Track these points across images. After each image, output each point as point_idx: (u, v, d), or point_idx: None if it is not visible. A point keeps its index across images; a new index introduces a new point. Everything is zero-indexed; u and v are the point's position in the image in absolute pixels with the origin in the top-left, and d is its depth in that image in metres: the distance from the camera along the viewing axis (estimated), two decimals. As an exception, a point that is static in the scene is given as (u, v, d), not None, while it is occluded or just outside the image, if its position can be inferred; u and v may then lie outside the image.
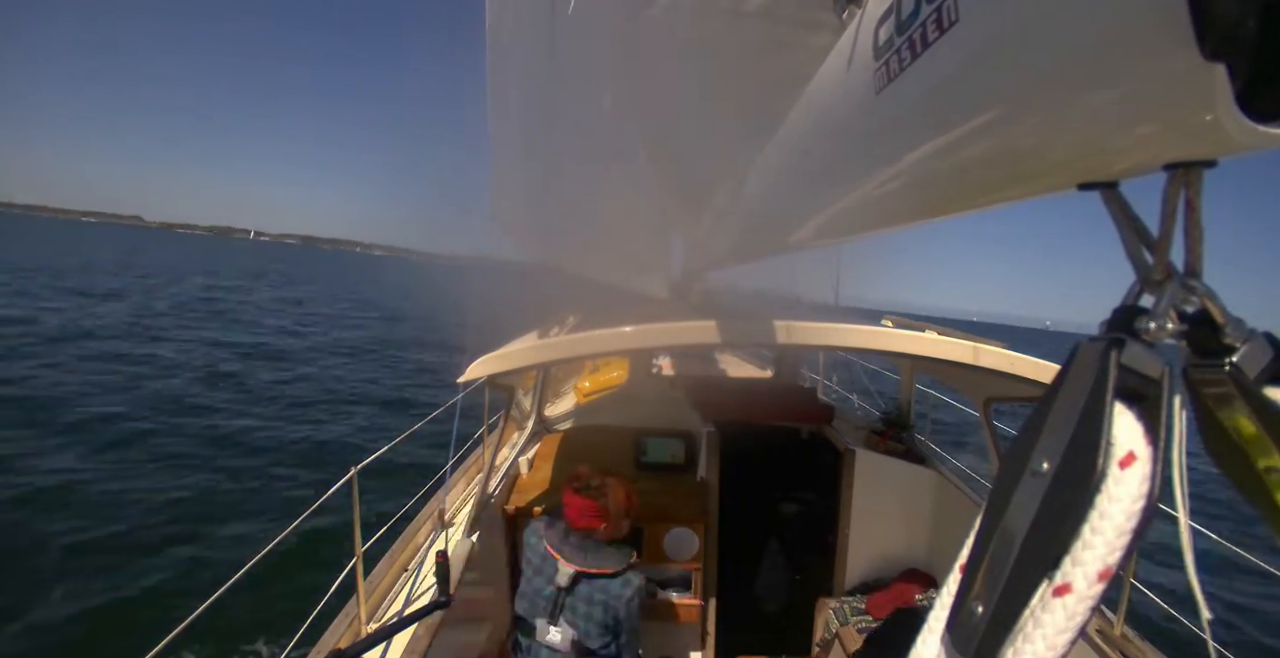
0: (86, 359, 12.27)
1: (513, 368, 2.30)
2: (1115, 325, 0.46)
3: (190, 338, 16.12)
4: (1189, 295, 0.44)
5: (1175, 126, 0.41)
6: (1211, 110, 0.35)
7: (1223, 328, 0.43)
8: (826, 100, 0.93)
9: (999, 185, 0.63)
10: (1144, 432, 0.41)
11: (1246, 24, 0.33)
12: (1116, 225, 0.50)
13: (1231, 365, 0.43)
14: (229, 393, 11.17)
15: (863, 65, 0.74)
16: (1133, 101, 0.41)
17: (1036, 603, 0.42)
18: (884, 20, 0.67)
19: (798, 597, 3.53)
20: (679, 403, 4.06)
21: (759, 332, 2.42)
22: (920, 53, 0.59)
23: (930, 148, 0.64)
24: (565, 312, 2.90)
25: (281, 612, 4.98)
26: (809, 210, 1.07)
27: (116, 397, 9.96)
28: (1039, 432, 0.46)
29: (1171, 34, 0.34)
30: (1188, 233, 0.44)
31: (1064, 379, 0.46)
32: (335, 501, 2.37)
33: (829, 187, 0.95)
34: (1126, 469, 0.40)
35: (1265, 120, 0.35)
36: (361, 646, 1.98)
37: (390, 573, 2.59)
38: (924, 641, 0.52)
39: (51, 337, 13.97)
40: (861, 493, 3.17)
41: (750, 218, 1.47)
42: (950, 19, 0.53)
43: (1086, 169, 0.51)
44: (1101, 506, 0.40)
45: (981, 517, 0.49)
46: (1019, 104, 0.51)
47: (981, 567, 0.46)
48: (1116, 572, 0.40)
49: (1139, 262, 0.47)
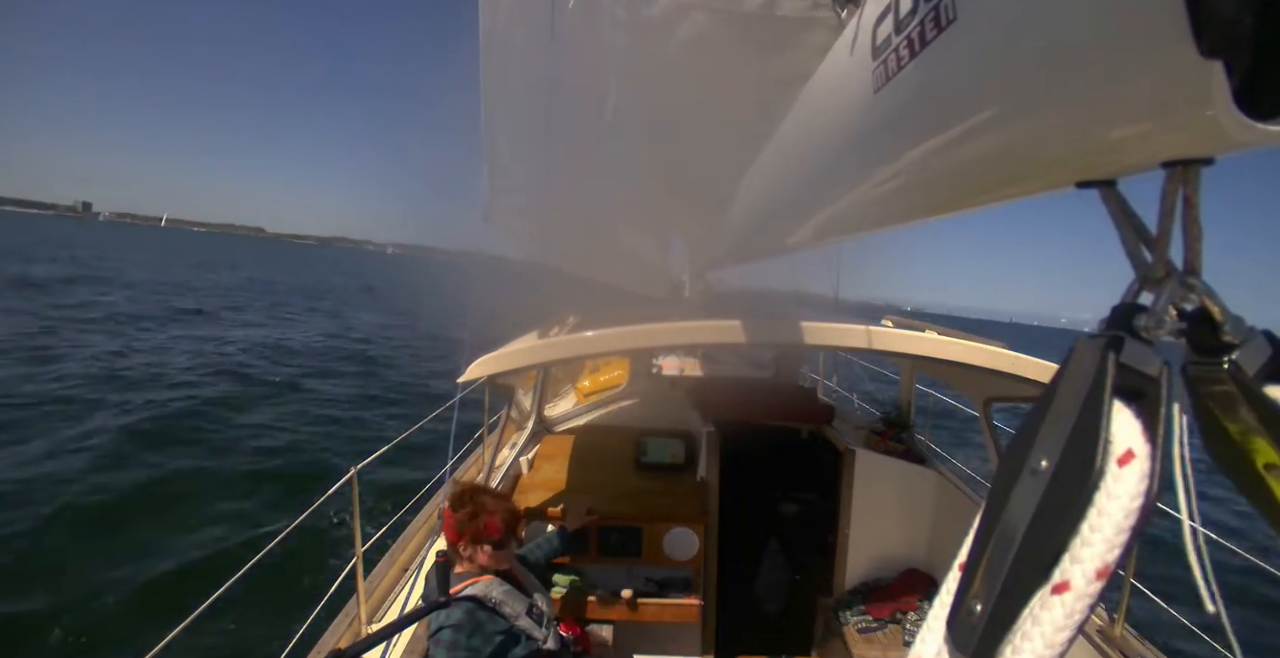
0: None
1: (513, 368, 2.30)
2: (1114, 323, 0.46)
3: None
4: (1188, 293, 0.44)
5: (1173, 124, 0.41)
6: (1209, 107, 0.35)
7: (1222, 326, 0.43)
8: (825, 99, 0.93)
9: (997, 184, 0.63)
10: (1143, 429, 0.41)
11: (1243, 21, 0.33)
12: (1115, 223, 0.50)
13: (1231, 363, 0.43)
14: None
15: (861, 64, 0.74)
16: (1130, 99, 0.41)
17: (1036, 601, 0.42)
18: (882, 19, 0.68)
19: (798, 597, 3.53)
20: (679, 403, 4.06)
21: (759, 332, 2.42)
22: (918, 51, 0.59)
23: (929, 146, 0.64)
24: (565, 312, 2.90)
25: (281, 612, 4.99)
26: (808, 209, 1.07)
27: (110, 392, 9.98)
28: (1038, 430, 0.46)
29: (1169, 32, 0.34)
30: (1186, 230, 0.44)
31: (1063, 377, 0.46)
32: (335, 501, 2.37)
33: (828, 185, 0.95)
34: (1125, 467, 0.40)
35: (1263, 117, 0.35)
36: (361, 646, 1.98)
37: (390, 573, 2.59)
38: (924, 639, 0.52)
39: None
40: (861, 493, 3.17)
41: (750, 216, 1.47)
42: (948, 18, 0.53)
43: (1085, 167, 0.51)
44: (1100, 503, 0.40)
45: (981, 515, 0.49)
46: (1017, 102, 0.51)
47: (981, 565, 0.46)
48: (1115, 570, 0.40)
49: (1138, 259, 0.47)
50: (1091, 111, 0.44)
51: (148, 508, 6.51)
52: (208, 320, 19.87)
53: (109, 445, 7.89)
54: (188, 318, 19.77)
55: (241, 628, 4.77)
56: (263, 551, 2.09)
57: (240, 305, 25.28)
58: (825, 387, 6.18)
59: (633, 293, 3.25)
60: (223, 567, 2.38)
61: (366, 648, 1.98)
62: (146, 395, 10.15)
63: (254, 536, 5.88)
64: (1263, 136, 0.35)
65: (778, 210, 1.26)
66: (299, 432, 9.46)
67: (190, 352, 14.08)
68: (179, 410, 9.62)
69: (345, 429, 9.88)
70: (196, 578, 5.27)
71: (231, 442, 8.65)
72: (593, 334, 2.26)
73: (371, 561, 2.51)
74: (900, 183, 0.75)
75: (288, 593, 5.15)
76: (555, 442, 3.88)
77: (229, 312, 22.75)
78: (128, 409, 9.32)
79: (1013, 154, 0.56)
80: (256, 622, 4.87)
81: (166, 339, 15.44)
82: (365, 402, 11.86)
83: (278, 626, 4.72)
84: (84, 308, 18.97)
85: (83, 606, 4.88)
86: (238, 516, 6.58)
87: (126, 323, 17.14)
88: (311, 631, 2.21)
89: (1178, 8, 0.33)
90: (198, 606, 1.82)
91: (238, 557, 2.13)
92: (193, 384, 11.27)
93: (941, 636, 0.49)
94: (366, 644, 1.99)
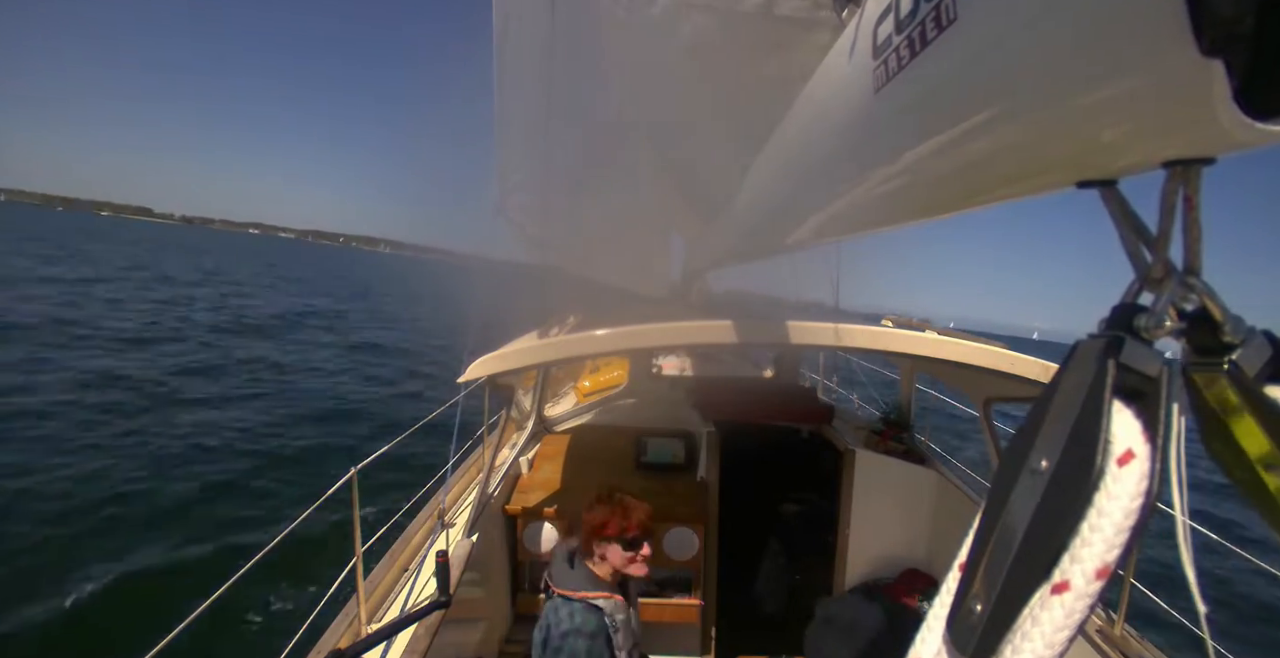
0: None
1: (513, 368, 2.30)
2: (1114, 323, 0.46)
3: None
4: (1188, 293, 0.44)
5: (1173, 123, 0.41)
6: (1209, 107, 0.35)
7: (1222, 326, 0.43)
8: (826, 99, 0.93)
9: (998, 183, 0.63)
10: (1142, 429, 0.41)
11: (1244, 20, 0.33)
12: (1115, 223, 0.50)
13: (1231, 364, 0.43)
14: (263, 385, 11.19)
15: (862, 64, 0.74)
16: (1131, 99, 0.41)
17: (1035, 601, 0.42)
18: (883, 19, 0.68)
19: (798, 597, 3.53)
20: (679, 403, 4.06)
21: (759, 332, 2.42)
22: (919, 51, 0.59)
23: (929, 146, 0.64)
24: (565, 312, 2.90)
25: (281, 612, 4.98)
26: (809, 208, 1.07)
27: (111, 393, 9.98)
28: (1038, 430, 0.46)
29: (1169, 31, 0.34)
30: (1187, 231, 0.44)
31: (1062, 377, 0.46)
32: (335, 501, 2.37)
33: (829, 184, 0.95)
34: (1125, 467, 0.40)
35: (1263, 117, 0.35)
36: (361, 646, 1.98)
37: (390, 573, 2.59)
38: (923, 639, 0.51)
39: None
40: (861, 493, 3.17)
41: (750, 215, 1.47)
42: (949, 17, 0.53)
43: (1085, 167, 0.51)
44: (1100, 503, 0.40)
45: (980, 515, 0.49)
46: (1017, 102, 0.51)
47: (980, 565, 0.46)
48: (1115, 570, 0.40)
49: (1138, 260, 0.47)
50: (1092, 111, 0.44)
51: (148, 508, 6.51)
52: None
53: (108, 445, 7.90)
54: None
55: (242, 628, 4.78)
56: (263, 551, 2.09)
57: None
58: (825, 387, 6.18)
59: (633, 293, 3.25)
60: (223, 567, 2.38)
61: (366, 648, 1.99)
62: (144, 396, 10.15)
63: (254, 536, 5.88)
64: (1263, 136, 0.35)
65: (778, 210, 1.26)
66: (298, 432, 9.47)
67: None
68: (178, 410, 9.63)
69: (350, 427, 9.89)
70: (196, 578, 5.28)
71: (232, 441, 8.66)
72: (593, 334, 2.26)
73: (371, 561, 2.50)
74: (901, 182, 0.75)
75: (288, 593, 5.16)
76: (555, 442, 3.88)
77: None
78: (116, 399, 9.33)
79: (1014, 154, 0.56)
80: (257, 622, 4.87)
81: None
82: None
83: (278, 626, 4.73)
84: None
85: (82, 606, 4.88)
86: (238, 516, 6.58)
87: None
88: (311, 631, 2.21)
89: (1178, 7, 0.33)
90: (198, 606, 1.82)
91: (238, 557, 2.13)
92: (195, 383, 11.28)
93: (941, 636, 0.49)
94: (366, 644, 1.99)
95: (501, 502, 3.04)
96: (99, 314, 17.52)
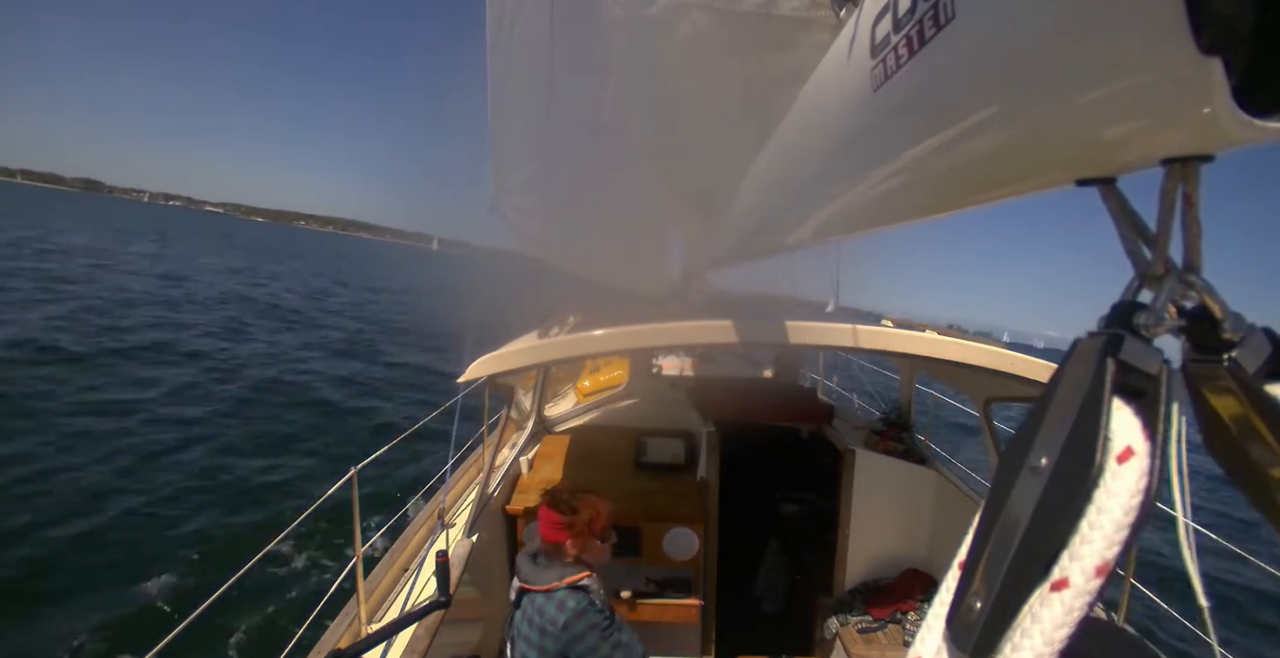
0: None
1: (513, 368, 2.31)
2: (1113, 321, 0.46)
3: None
4: (1188, 290, 0.44)
5: (1172, 121, 0.41)
6: (1208, 104, 0.35)
7: (1222, 323, 0.43)
8: (824, 98, 0.93)
9: (997, 182, 0.63)
10: (1142, 427, 0.41)
11: (1243, 18, 0.33)
12: (1115, 221, 0.50)
13: (1230, 361, 0.43)
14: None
15: (860, 63, 0.74)
16: (1130, 96, 0.41)
17: (1035, 599, 0.42)
18: (881, 17, 0.68)
19: (798, 597, 3.53)
20: (679, 403, 4.06)
21: (759, 332, 2.42)
22: (917, 50, 0.59)
23: (928, 145, 0.64)
24: (565, 312, 2.90)
25: (282, 612, 4.99)
26: (808, 207, 1.07)
27: (112, 387, 9.98)
28: (1037, 428, 0.46)
29: (1168, 28, 0.34)
30: (1186, 228, 0.44)
31: (1062, 375, 0.46)
32: (335, 501, 2.37)
33: (828, 184, 0.95)
34: (1124, 464, 0.40)
35: (1262, 114, 0.35)
36: (361, 646, 1.98)
37: (390, 573, 2.59)
38: (923, 638, 0.52)
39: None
40: (861, 493, 3.17)
41: (750, 214, 1.47)
42: (947, 16, 0.54)
43: (1084, 164, 0.51)
44: (1099, 501, 0.40)
45: (980, 513, 0.49)
46: (1016, 100, 0.51)
47: (980, 562, 0.46)
48: (1115, 568, 0.40)
49: (1137, 257, 0.47)
50: (1090, 109, 0.44)
51: (147, 508, 6.51)
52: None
53: (107, 443, 7.89)
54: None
55: (242, 628, 4.77)
56: (263, 551, 2.09)
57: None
58: (825, 387, 6.18)
59: (633, 293, 3.25)
60: (223, 567, 2.38)
61: (366, 648, 1.99)
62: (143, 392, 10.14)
63: (254, 536, 5.88)
64: (1262, 133, 0.35)
65: (777, 209, 1.26)
66: (301, 431, 9.47)
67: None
68: (178, 410, 9.62)
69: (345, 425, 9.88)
70: (196, 579, 5.28)
71: (231, 442, 8.66)
72: (593, 334, 2.26)
73: (371, 561, 2.51)
74: (900, 181, 0.75)
75: (288, 593, 5.16)
76: (555, 442, 3.88)
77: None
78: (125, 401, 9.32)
79: (1012, 152, 0.56)
80: (257, 622, 4.87)
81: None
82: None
83: (278, 626, 4.73)
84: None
85: (81, 606, 4.87)
86: (238, 516, 6.58)
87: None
88: (311, 631, 2.21)
89: (1176, 5, 0.33)
90: (197, 606, 1.82)
91: (238, 557, 2.13)
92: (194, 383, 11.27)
93: (941, 634, 0.49)
94: (366, 644, 1.99)
95: (501, 502, 3.04)
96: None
